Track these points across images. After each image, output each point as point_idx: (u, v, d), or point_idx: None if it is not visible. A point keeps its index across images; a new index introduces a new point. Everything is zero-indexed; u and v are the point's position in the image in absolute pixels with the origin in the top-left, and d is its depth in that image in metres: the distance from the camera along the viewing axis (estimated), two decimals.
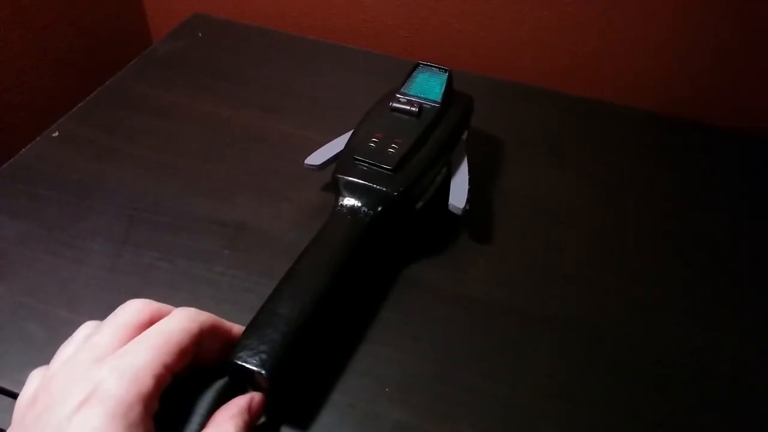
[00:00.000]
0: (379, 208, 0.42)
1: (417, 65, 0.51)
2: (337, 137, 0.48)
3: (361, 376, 0.38)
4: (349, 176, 0.43)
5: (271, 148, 0.54)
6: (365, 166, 0.43)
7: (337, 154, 0.46)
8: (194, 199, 0.49)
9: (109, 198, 0.48)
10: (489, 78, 0.64)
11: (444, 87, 0.48)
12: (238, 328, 0.35)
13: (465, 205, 0.43)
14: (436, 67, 0.50)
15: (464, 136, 0.50)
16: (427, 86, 0.49)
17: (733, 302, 0.44)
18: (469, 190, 0.44)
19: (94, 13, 0.72)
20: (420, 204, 0.45)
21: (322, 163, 0.46)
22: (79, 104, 0.57)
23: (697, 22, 0.59)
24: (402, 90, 0.49)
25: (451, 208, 0.43)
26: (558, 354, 0.40)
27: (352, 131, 0.47)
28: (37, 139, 0.53)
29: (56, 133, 0.54)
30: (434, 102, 0.48)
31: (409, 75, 0.50)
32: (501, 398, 0.37)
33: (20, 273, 0.42)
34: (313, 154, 0.47)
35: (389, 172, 0.42)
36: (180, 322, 0.31)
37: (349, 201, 0.42)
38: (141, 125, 0.55)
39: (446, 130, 0.47)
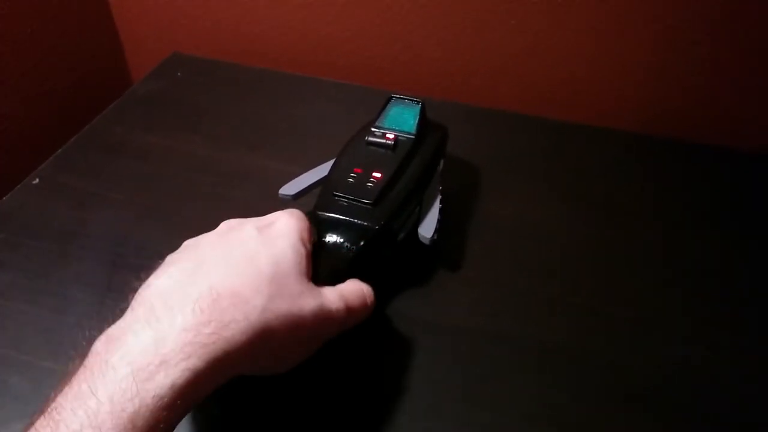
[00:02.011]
0: (362, 243, 0.42)
1: (390, 98, 0.51)
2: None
3: (347, 409, 0.38)
4: (329, 213, 0.43)
5: (254, 184, 0.54)
6: (345, 201, 0.43)
7: (311, 184, 0.46)
8: (178, 240, 0.48)
9: (91, 244, 0.48)
10: (466, 105, 0.65)
11: (417, 118, 0.49)
12: None
13: (433, 235, 0.43)
14: (409, 99, 0.51)
15: (440, 167, 0.50)
16: (401, 118, 0.49)
17: (722, 322, 0.44)
18: (439, 221, 0.45)
19: (72, 56, 0.72)
20: (402, 235, 0.45)
21: (296, 194, 0.46)
22: (60, 150, 0.57)
23: (678, 44, 0.61)
24: (377, 123, 0.49)
25: (420, 237, 0.44)
26: (544, 379, 0.40)
27: (327, 163, 0.48)
28: (18, 186, 0.53)
29: (37, 180, 0.54)
30: (409, 134, 0.48)
31: (383, 108, 0.51)
32: (487, 427, 0.37)
33: (3, 324, 0.42)
34: (287, 184, 0.47)
35: (369, 206, 0.43)
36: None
37: (331, 237, 0.42)
38: (122, 168, 0.55)
39: (422, 162, 0.47)
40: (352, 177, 0.45)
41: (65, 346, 0.41)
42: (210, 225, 0.38)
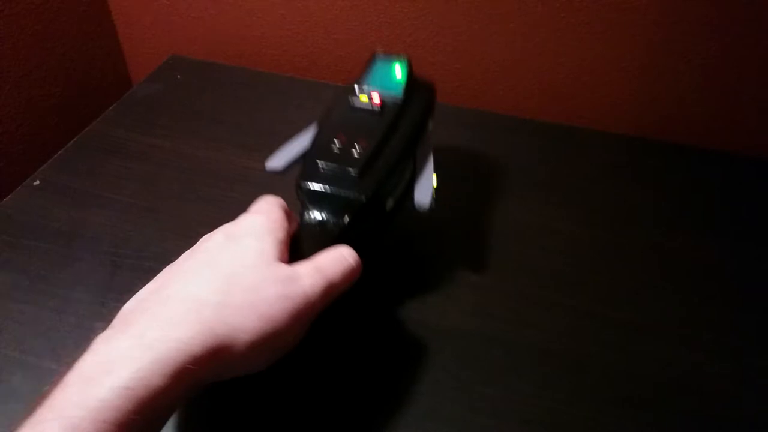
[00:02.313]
0: (349, 216, 0.40)
1: (374, 55, 0.48)
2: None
3: (347, 412, 0.38)
4: (314, 184, 0.41)
5: (253, 186, 0.54)
6: (330, 172, 0.41)
7: (298, 155, 0.44)
8: (178, 242, 0.48)
9: (91, 245, 0.48)
10: (462, 108, 0.66)
11: (405, 77, 0.46)
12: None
13: (431, 202, 0.41)
14: (394, 55, 0.47)
15: (430, 127, 0.47)
16: (387, 78, 0.46)
17: (719, 325, 0.45)
18: (435, 187, 0.43)
19: (72, 59, 0.73)
20: (390, 204, 0.43)
21: (285, 167, 0.44)
22: (60, 151, 0.58)
23: (673, 48, 0.61)
24: (361, 83, 0.46)
25: (417, 206, 0.42)
26: (542, 382, 0.41)
27: (311, 129, 0.45)
28: (19, 188, 0.53)
29: (37, 182, 0.54)
30: (395, 95, 0.45)
31: (366, 66, 0.47)
32: (485, 429, 0.38)
33: (4, 326, 0.42)
34: (273, 156, 0.45)
35: (355, 177, 0.40)
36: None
37: (316, 210, 0.40)
38: (122, 170, 0.56)
39: (411, 124, 0.44)
40: (337, 144, 0.42)
41: (66, 346, 0.41)
42: (209, 226, 0.39)
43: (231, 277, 0.33)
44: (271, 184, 0.54)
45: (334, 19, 0.70)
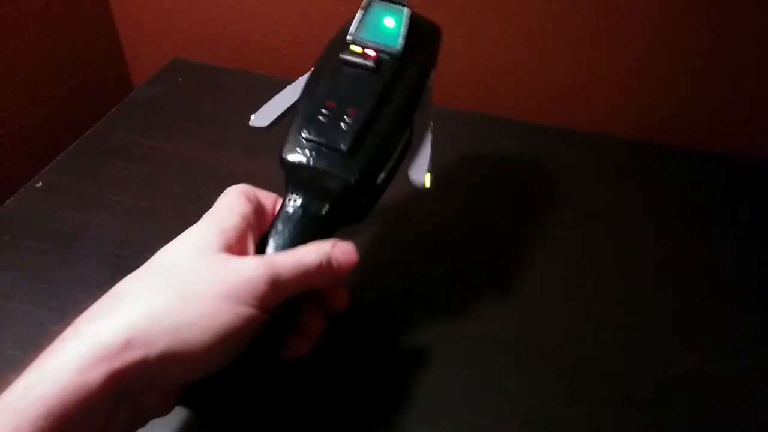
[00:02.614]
0: (334, 198, 0.37)
1: (369, 2, 0.41)
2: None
3: (347, 413, 0.38)
4: (297, 160, 0.37)
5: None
6: (315, 146, 0.37)
7: (285, 111, 0.41)
8: None
9: (93, 246, 0.49)
10: (461, 111, 0.66)
11: (404, 28, 0.39)
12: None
13: (426, 178, 0.38)
14: (392, 2, 0.41)
15: (430, 82, 0.41)
16: (383, 27, 0.40)
17: (719, 326, 0.45)
18: (431, 158, 0.39)
19: (74, 62, 0.73)
20: (382, 177, 0.38)
21: (270, 123, 0.41)
22: (62, 153, 0.58)
23: (671, 51, 0.62)
24: (354, 33, 0.40)
25: (412, 181, 0.38)
26: (543, 383, 0.41)
27: (301, 79, 0.41)
28: (21, 190, 0.54)
29: (40, 183, 0.54)
30: (392, 48, 0.39)
31: (360, 13, 0.41)
32: (486, 429, 0.38)
33: (6, 326, 0.43)
34: (258, 112, 0.41)
35: (344, 153, 0.36)
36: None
37: (300, 190, 0.37)
38: (123, 172, 0.56)
39: (409, 85, 0.39)
40: (324, 113, 0.38)
41: None
42: None
43: (160, 269, 0.32)
44: (272, 184, 0.55)
45: (334, 23, 0.69)
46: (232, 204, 0.36)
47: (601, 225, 0.53)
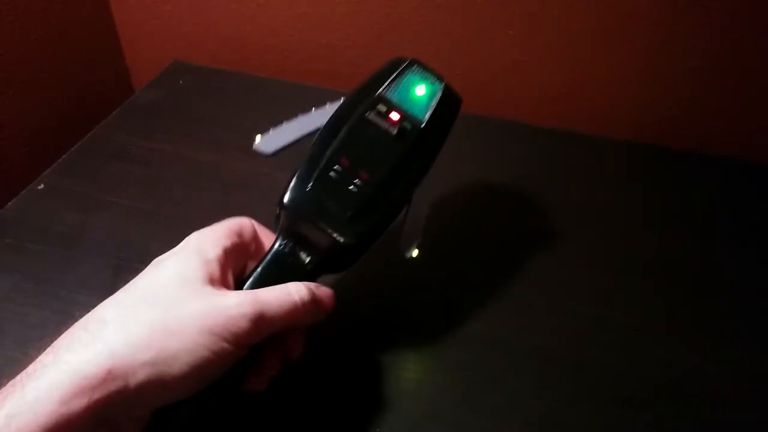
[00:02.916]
0: (326, 254, 0.37)
1: (409, 63, 0.42)
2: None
3: (348, 415, 0.38)
4: (298, 210, 0.37)
5: (255, 190, 0.55)
6: (320, 199, 0.37)
7: (291, 142, 0.41)
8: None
9: (94, 248, 0.49)
10: (462, 113, 0.66)
11: (435, 102, 0.40)
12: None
13: (414, 251, 0.38)
14: (430, 74, 0.42)
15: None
16: (414, 96, 0.40)
17: (718, 327, 0.45)
18: (423, 233, 0.39)
19: (75, 64, 0.73)
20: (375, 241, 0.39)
21: (274, 152, 0.41)
22: (64, 156, 0.58)
23: (670, 54, 0.62)
24: (384, 93, 0.40)
25: (400, 250, 0.38)
26: (542, 384, 0.41)
27: (313, 113, 0.41)
28: (23, 192, 0.54)
29: (41, 186, 0.54)
30: (418, 120, 0.39)
31: (396, 73, 0.41)
32: (486, 430, 0.38)
33: (8, 328, 0.43)
34: (264, 137, 0.41)
35: (347, 217, 0.36)
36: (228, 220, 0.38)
37: (293, 238, 0.37)
38: (125, 174, 0.56)
39: (423, 161, 0.39)
40: (336, 170, 0.37)
41: None
42: None
43: (142, 297, 0.32)
44: (271, 186, 0.55)
45: (334, 26, 0.70)
46: (218, 235, 0.36)
47: (601, 226, 0.53)
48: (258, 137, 0.39)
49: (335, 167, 0.37)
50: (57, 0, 0.68)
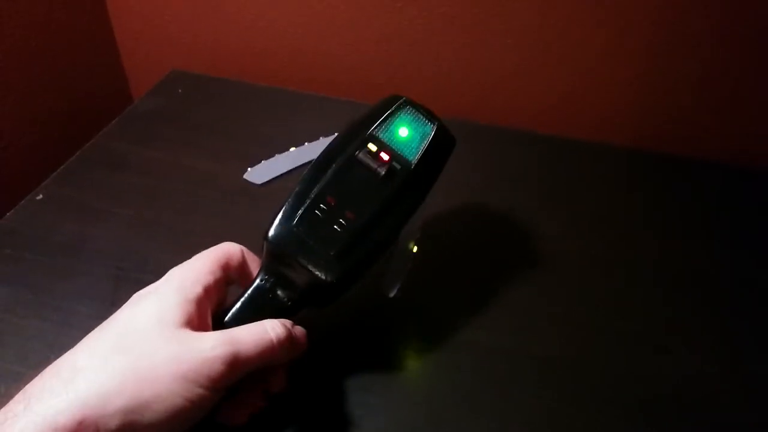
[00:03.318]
0: (307, 292, 0.37)
1: (401, 103, 0.41)
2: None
3: (355, 428, 0.38)
4: (281, 246, 0.36)
5: (254, 200, 0.55)
6: (304, 237, 0.36)
7: (281, 173, 0.41)
8: (180, 255, 0.49)
9: (95, 259, 0.49)
10: (461, 120, 0.66)
11: (425, 144, 0.39)
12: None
13: (396, 293, 0.38)
14: (423, 114, 0.41)
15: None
16: (406, 137, 0.40)
17: (717, 331, 0.45)
18: (407, 273, 0.39)
19: (73, 73, 0.73)
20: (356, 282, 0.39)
21: (264, 182, 0.41)
22: (63, 165, 0.58)
23: (669, 61, 0.62)
24: (376, 132, 0.39)
25: (381, 288, 0.38)
26: (544, 391, 0.41)
27: (305, 147, 0.41)
28: (22, 202, 0.54)
29: (41, 196, 0.54)
30: (407, 161, 0.39)
31: (387, 112, 0.40)
32: None
33: (8, 339, 0.42)
34: (254, 168, 0.41)
35: (331, 257, 0.36)
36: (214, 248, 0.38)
37: (275, 274, 0.37)
38: (124, 183, 0.56)
39: (411, 202, 0.39)
40: (322, 208, 0.37)
41: None
42: (211, 239, 0.39)
43: (116, 341, 0.31)
44: (268, 193, 0.55)
45: (333, 34, 0.70)
46: (201, 272, 0.35)
47: (602, 232, 0.53)
48: (249, 169, 0.38)
49: (321, 205, 0.37)
50: (56, 9, 0.68)
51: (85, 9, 0.73)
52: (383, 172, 0.38)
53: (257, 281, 0.37)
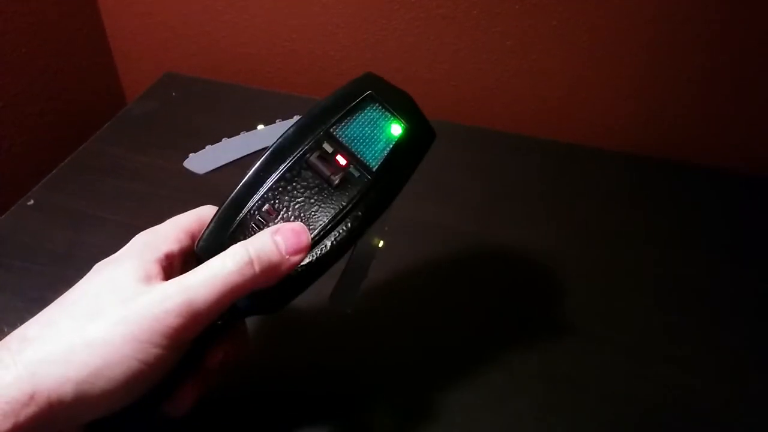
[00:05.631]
0: (235, 318, 0.33)
1: (368, 96, 0.35)
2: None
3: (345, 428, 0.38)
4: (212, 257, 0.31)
5: None
6: None
7: (223, 163, 0.36)
8: None
9: (86, 266, 0.47)
10: (458, 125, 0.66)
11: (392, 145, 0.33)
12: None
13: (350, 308, 0.34)
14: (394, 105, 0.34)
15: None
16: (368, 138, 0.34)
17: (714, 347, 0.45)
18: (362, 282, 0.34)
19: (66, 77, 0.72)
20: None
21: (206, 172, 0.36)
22: (54, 170, 0.57)
23: (668, 67, 0.62)
24: (333, 129, 0.34)
25: (331, 303, 0.33)
26: (544, 406, 0.40)
27: (251, 133, 0.36)
28: (12, 208, 0.53)
29: (31, 202, 0.53)
30: (368, 166, 0.33)
31: (352, 104, 0.34)
32: None
33: None
34: (196, 155, 0.37)
35: None
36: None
37: None
38: (117, 189, 0.55)
39: (368, 213, 0.33)
40: (259, 220, 0.32)
41: None
42: None
43: (68, 309, 0.30)
44: None
45: (329, 37, 0.70)
46: (165, 237, 0.33)
47: (601, 238, 0.53)
48: (190, 155, 0.35)
49: (258, 217, 0.32)
50: (48, 12, 0.67)
51: (78, 12, 0.72)
52: (336, 181, 0.32)
53: None
